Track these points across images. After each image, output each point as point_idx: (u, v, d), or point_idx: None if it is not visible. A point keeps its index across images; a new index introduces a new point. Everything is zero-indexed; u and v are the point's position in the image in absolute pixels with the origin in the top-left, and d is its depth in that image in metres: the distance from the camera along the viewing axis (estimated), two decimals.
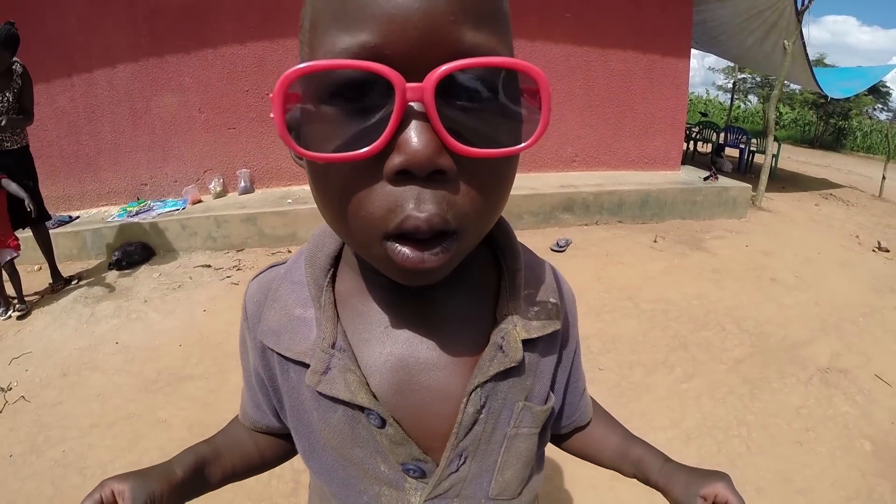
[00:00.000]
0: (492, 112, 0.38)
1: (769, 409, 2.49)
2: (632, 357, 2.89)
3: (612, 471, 0.72)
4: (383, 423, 0.48)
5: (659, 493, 0.64)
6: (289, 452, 0.69)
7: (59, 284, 3.83)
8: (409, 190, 0.36)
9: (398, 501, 0.52)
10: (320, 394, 0.50)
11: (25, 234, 3.69)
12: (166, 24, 5.12)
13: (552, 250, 4.56)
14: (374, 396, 0.49)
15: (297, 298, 0.53)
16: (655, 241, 4.91)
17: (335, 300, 0.52)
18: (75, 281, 3.99)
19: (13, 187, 3.33)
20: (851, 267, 4.63)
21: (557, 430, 0.71)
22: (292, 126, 0.38)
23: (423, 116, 0.34)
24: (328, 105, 0.35)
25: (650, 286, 3.86)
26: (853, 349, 3.12)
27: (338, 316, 0.51)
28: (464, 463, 0.51)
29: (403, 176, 0.35)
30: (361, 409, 0.48)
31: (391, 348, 0.50)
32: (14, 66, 3.48)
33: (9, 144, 3.51)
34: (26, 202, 3.37)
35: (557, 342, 0.58)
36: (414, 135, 0.34)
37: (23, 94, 3.51)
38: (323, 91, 0.35)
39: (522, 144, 0.38)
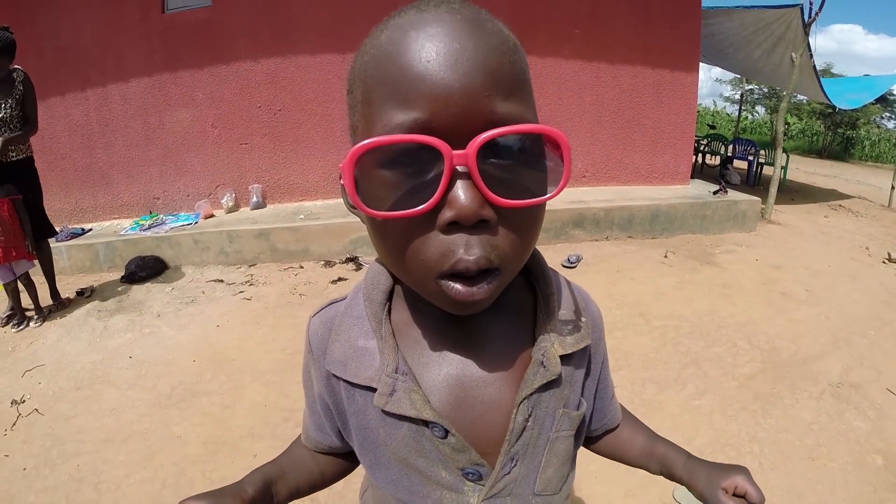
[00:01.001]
0: (523, 167, 0.45)
1: (781, 425, 2.48)
2: (644, 374, 2.88)
3: (640, 471, 0.78)
4: (446, 434, 0.55)
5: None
6: (346, 470, 0.77)
7: (56, 305, 3.79)
8: (459, 237, 0.43)
9: (458, 503, 0.58)
10: (386, 413, 0.56)
11: None
12: (180, 40, 5.21)
13: (563, 266, 4.56)
14: (436, 412, 0.55)
15: (359, 331, 0.60)
16: (666, 257, 4.90)
17: (393, 331, 0.58)
18: (87, 294, 4.02)
19: (24, 215, 3.42)
20: (862, 279, 4.61)
21: (590, 433, 0.77)
22: (356, 188, 0.43)
23: (468, 176, 0.42)
24: (387, 170, 0.42)
25: (661, 302, 3.86)
26: (864, 363, 3.10)
27: (397, 344, 0.57)
28: (515, 465, 0.58)
29: (453, 226, 0.43)
30: (426, 423, 0.55)
31: (447, 370, 0.57)
32: (15, 74, 3.47)
33: (13, 155, 3.48)
34: (27, 242, 3.46)
35: (587, 355, 0.66)
36: (461, 193, 0.41)
37: (25, 102, 3.49)
38: (383, 158, 0.42)
39: (549, 194, 0.46)
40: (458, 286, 0.45)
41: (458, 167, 0.41)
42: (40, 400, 2.68)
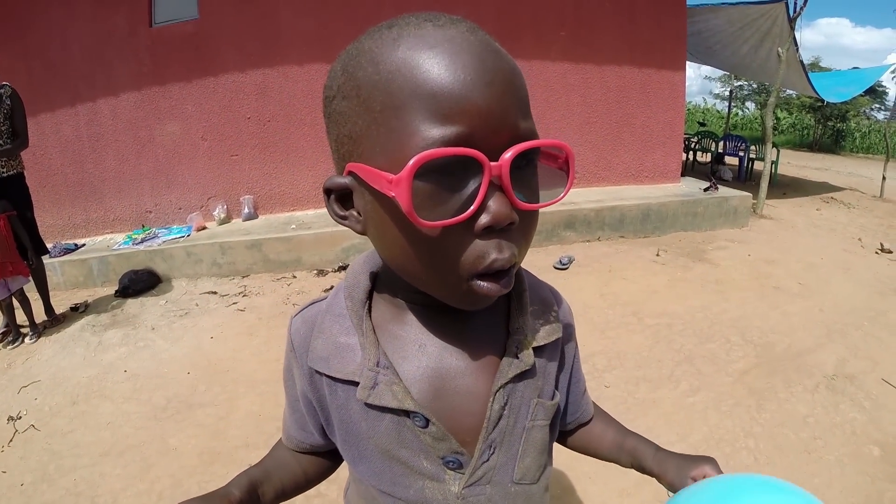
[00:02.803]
0: (535, 174, 0.51)
1: (776, 420, 2.49)
2: (637, 373, 2.89)
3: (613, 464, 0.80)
4: (426, 424, 0.57)
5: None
6: (328, 470, 0.79)
7: (51, 321, 3.79)
8: (492, 241, 0.47)
9: (440, 492, 0.60)
10: (368, 406, 0.58)
11: None
12: (168, 54, 5.23)
13: (555, 268, 4.58)
14: (416, 402, 0.58)
15: (340, 328, 0.62)
16: (658, 255, 4.93)
17: (374, 327, 0.61)
18: (82, 309, 4.02)
19: (20, 230, 3.43)
20: (855, 270, 4.64)
21: (564, 427, 0.80)
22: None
23: (500, 185, 0.45)
24: (422, 180, 0.43)
25: (654, 300, 3.88)
26: (859, 354, 3.12)
27: (377, 340, 0.60)
28: (493, 453, 0.60)
29: (487, 230, 0.46)
30: (407, 414, 0.57)
31: (426, 362, 0.59)
32: (3, 88, 3.47)
33: (4, 171, 3.48)
34: (29, 254, 3.48)
35: (559, 348, 0.69)
36: (497, 202, 0.45)
37: (14, 117, 3.50)
38: (421, 169, 0.43)
39: (559, 196, 0.51)
40: (488, 284, 0.49)
41: (493, 177, 0.45)
42: (37, 416, 2.68)
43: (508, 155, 0.44)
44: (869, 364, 3.01)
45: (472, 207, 0.44)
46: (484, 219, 0.45)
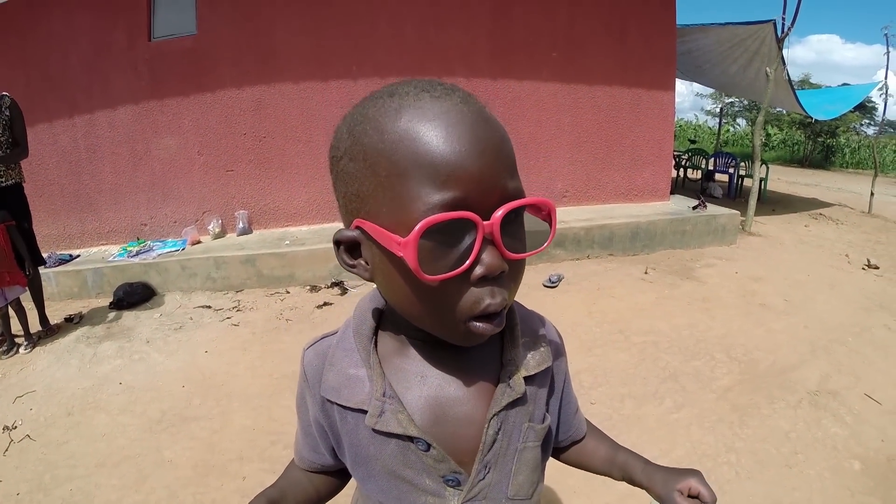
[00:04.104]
0: (522, 227, 0.57)
1: (758, 435, 2.54)
2: (623, 390, 2.94)
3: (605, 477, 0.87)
4: (428, 447, 0.63)
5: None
6: (338, 487, 0.85)
7: (45, 331, 3.81)
8: (486, 288, 0.54)
9: None
10: (376, 431, 0.64)
11: None
12: (166, 68, 5.30)
13: (545, 286, 4.62)
14: (419, 429, 0.64)
15: (349, 361, 0.69)
16: (646, 273, 4.99)
17: (380, 360, 0.67)
18: (76, 320, 4.05)
19: (19, 240, 3.46)
20: (841, 287, 4.70)
21: (558, 444, 0.87)
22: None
23: (492, 240, 0.51)
24: (425, 238, 0.49)
25: (641, 318, 3.93)
26: (843, 370, 3.18)
27: (383, 372, 0.66)
28: (488, 472, 0.67)
29: (482, 280, 0.53)
30: (411, 439, 0.64)
31: (427, 392, 0.65)
32: (2, 99, 3.51)
33: (3, 180, 3.51)
34: (26, 265, 3.51)
35: (549, 376, 0.75)
36: (489, 254, 0.52)
37: (14, 127, 3.53)
38: (427, 231, 0.49)
39: (542, 246, 0.59)
40: (483, 325, 0.55)
41: (486, 234, 0.51)
42: (32, 426, 2.71)
43: (499, 214, 0.50)
44: (852, 380, 3.07)
45: (468, 261, 0.50)
46: (479, 270, 0.52)
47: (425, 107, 0.51)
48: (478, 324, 0.55)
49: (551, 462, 0.86)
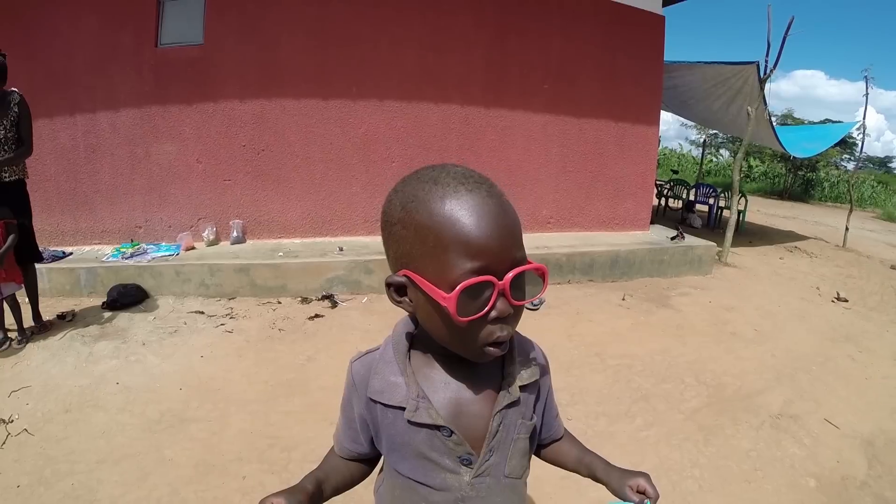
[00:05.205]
0: (524, 281, 0.76)
1: (721, 453, 2.73)
2: (597, 408, 3.11)
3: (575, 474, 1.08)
4: (451, 434, 0.84)
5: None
6: (367, 472, 1.04)
7: (38, 327, 3.84)
8: (498, 325, 0.75)
9: (457, 481, 0.87)
10: (411, 423, 0.85)
11: None
12: (171, 75, 5.38)
13: (527, 308, 4.73)
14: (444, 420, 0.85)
15: (390, 370, 0.89)
16: (624, 300, 5.19)
17: (413, 370, 0.88)
18: (69, 318, 4.10)
19: (10, 239, 3.49)
20: (810, 319, 4.93)
21: (541, 441, 1.09)
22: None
23: (503, 293, 0.72)
24: (462, 294, 0.70)
25: (617, 342, 4.11)
26: (805, 396, 3.38)
27: (416, 379, 0.87)
28: (492, 455, 0.88)
29: (496, 319, 0.74)
30: (438, 428, 0.85)
31: (449, 394, 0.87)
32: (11, 95, 3.54)
33: (7, 176, 3.54)
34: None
35: (537, 387, 0.97)
36: (502, 303, 0.73)
37: (21, 124, 3.55)
38: (462, 288, 0.70)
39: (536, 296, 0.79)
40: (494, 349, 0.77)
41: (500, 290, 0.72)
42: (29, 420, 2.72)
43: (510, 276, 0.71)
44: (813, 405, 3.28)
45: (487, 307, 0.71)
46: (494, 314, 0.73)
47: (462, 198, 0.71)
48: (490, 349, 0.77)
49: (531, 468, 1.06)
